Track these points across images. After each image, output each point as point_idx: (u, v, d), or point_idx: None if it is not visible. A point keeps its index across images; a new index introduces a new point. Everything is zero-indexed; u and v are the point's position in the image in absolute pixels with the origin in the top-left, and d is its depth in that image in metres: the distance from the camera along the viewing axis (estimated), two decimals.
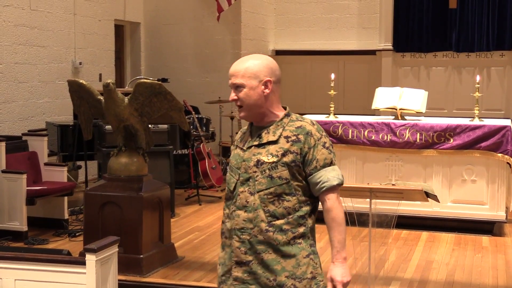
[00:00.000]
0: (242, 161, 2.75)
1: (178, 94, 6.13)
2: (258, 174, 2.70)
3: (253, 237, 2.68)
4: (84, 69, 9.42)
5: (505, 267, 5.77)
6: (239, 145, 2.83)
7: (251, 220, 2.68)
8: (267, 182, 2.69)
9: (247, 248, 2.69)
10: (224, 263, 2.78)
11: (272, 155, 2.70)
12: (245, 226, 2.69)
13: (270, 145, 2.72)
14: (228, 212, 2.79)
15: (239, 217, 2.70)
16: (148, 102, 5.49)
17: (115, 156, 5.68)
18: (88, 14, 9.54)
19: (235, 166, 2.77)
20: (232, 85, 2.78)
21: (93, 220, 5.57)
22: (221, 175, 8.83)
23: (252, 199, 2.70)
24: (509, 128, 6.70)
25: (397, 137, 6.91)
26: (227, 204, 2.81)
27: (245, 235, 2.69)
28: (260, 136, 2.76)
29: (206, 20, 11.08)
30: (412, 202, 5.87)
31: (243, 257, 2.70)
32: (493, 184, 6.76)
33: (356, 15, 12.16)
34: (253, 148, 2.74)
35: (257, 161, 2.71)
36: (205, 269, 5.66)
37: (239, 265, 2.71)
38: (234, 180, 2.76)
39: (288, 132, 2.73)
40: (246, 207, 2.70)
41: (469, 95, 8.65)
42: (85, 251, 3.83)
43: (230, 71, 2.80)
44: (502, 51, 11.22)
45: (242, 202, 2.71)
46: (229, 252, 2.74)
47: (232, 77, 2.78)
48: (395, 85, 9.11)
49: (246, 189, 2.71)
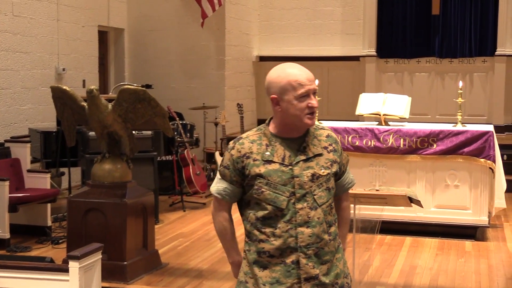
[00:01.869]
0: (292, 177, 2.70)
1: (162, 100, 6.12)
2: (315, 188, 2.72)
3: (320, 250, 2.73)
4: (68, 75, 9.38)
5: (488, 272, 5.80)
6: (273, 160, 2.72)
7: (317, 235, 2.71)
8: (327, 195, 2.76)
9: (314, 262, 2.72)
10: (277, 281, 2.72)
11: (324, 167, 2.75)
12: (311, 242, 2.70)
13: (317, 157, 2.75)
14: (273, 231, 2.72)
15: (303, 234, 2.69)
16: (132, 108, 5.48)
17: (99, 162, 5.66)
18: (71, 20, 9.50)
19: (281, 183, 2.70)
20: (314, 91, 2.73)
21: (77, 227, 5.55)
22: (205, 181, 8.81)
23: (314, 214, 2.71)
24: (491, 133, 6.74)
25: (380, 143, 6.94)
26: (270, 222, 2.72)
27: (311, 250, 2.71)
28: (304, 149, 2.74)
29: (190, 26, 11.09)
30: (395, 207, 5.90)
31: (312, 271, 2.71)
32: (476, 189, 6.80)
33: (340, 21, 12.25)
34: (301, 162, 2.72)
35: (312, 175, 2.72)
36: (189, 276, 5.65)
37: (307, 281, 2.72)
38: (284, 197, 2.69)
39: (323, 142, 2.79)
40: (309, 223, 2.70)
41: (452, 100, 8.72)
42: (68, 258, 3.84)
43: (305, 76, 2.70)
44: (484, 57, 11.37)
45: (303, 218, 2.70)
46: (284, 271, 2.71)
47: (311, 83, 2.71)
48: (379, 91, 9.18)
49: (305, 205, 2.70)
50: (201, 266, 5.94)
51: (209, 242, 6.76)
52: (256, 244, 2.76)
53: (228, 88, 11.26)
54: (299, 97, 2.68)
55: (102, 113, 5.43)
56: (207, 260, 6.11)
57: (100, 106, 5.43)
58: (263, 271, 2.74)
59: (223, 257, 6.14)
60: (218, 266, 5.92)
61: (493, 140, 6.72)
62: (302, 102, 2.68)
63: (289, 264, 2.70)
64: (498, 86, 11.22)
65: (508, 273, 5.79)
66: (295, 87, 2.67)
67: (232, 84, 11.47)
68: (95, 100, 5.40)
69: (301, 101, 2.68)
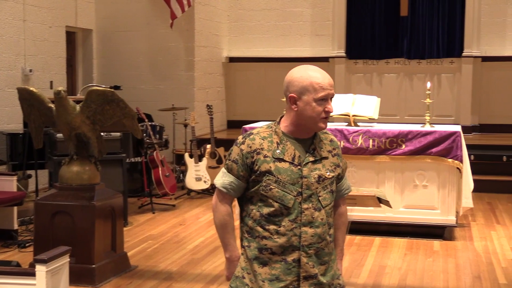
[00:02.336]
0: (300, 177, 2.76)
1: (131, 102, 6.13)
2: (320, 190, 2.79)
3: (320, 250, 2.80)
4: (35, 77, 9.29)
5: (455, 271, 5.86)
6: (284, 158, 2.77)
7: (320, 235, 2.78)
8: (330, 197, 2.84)
9: (314, 262, 2.79)
10: (276, 278, 2.78)
11: (329, 170, 2.83)
12: (314, 241, 2.77)
13: (323, 160, 2.83)
14: (277, 229, 2.77)
15: (307, 234, 2.76)
16: (101, 110, 5.47)
17: (67, 164, 5.64)
18: (38, 20, 9.42)
19: (290, 182, 2.76)
20: (332, 96, 2.79)
21: (44, 230, 5.51)
22: (174, 183, 8.81)
23: (318, 215, 2.78)
24: (459, 133, 6.82)
25: (350, 144, 6.97)
26: (275, 220, 2.77)
27: (312, 249, 2.78)
28: (313, 151, 2.81)
29: (159, 27, 11.08)
30: (365, 208, 5.96)
31: (312, 270, 2.78)
32: (444, 189, 6.86)
33: (309, 23, 12.32)
34: (310, 164, 2.79)
35: (319, 177, 2.79)
36: (158, 278, 5.64)
37: (306, 280, 2.78)
38: (291, 196, 2.76)
39: (328, 146, 2.87)
40: (312, 223, 2.77)
41: (420, 101, 8.80)
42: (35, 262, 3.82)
43: (327, 81, 2.76)
44: (452, 58, 11.56)
45: (308, 218, 2.77)
46: (284, 268, 2.77)
47: (332, 88, 2.78)
48: (348, 92, 9.24)
49: (310, 205, 2.77)
50: (171, 269, 5.92)
51: (179, 244, 6.74)
52: (258, 240, 2.80)
53: (197, 89, 11.25)
54: (319, 99, 2.74)
55: (70, 114, 5.41)
56: (176, 263, 6.09)
57: (68, 108, 5.41)
58: (263, 267, 2.79)
59: (193, 259, 6.18)
60: (188, 268, 5.91)
61: (460, 140, 6.79)
62: (320, 105, 2.74)
63: (290, 262, 2.76)
64: (465, 87, 11.39)
65: (475, 272, 5.85)
66: (317, 89, 2.73)
67: (202, 85, 11.46)
68: (63, 101, 5.38)
69: (319, 104, 2.74)
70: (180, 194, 9.19)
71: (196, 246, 6.64)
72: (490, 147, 10.19)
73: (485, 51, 11.50)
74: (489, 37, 11.56)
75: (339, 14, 11.73)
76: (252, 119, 9.46)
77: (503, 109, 11.56)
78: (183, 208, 8.48)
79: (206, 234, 7.07)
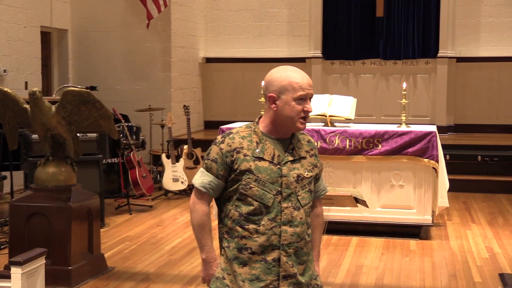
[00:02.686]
0: (280, 176, 2.78)
1: (107, 102, 6.11)
2: (299, 189, 2.81)
3: (299, 250, 2.82)
4: (9, 77, 9.22)
5: (431, 270, 5.92)
6: (264, 157, 2.79)
7: (299, 234, 2.80)
8: (309, 197, 2.86)
9: (293, 261, 2.80)
10: (256, 278, 2.78)
11: (307, 170, 2.85)
12: (293, 241, 2.79)
13: (302, 160, 2.85)
14: (257, 228, 2.78)
15: (286, 233, 2.78)
16: (77, 111, 5.45)
17: (42, 165, 5.60)
18: (12, 20, 9.34)
19: (269, 181, 2.78)
20: (311, 96, 2.82)
21: (19, 232, 5.47)
22: (151, 184, 8.79)
23: (297, 214, 2.80)
24: (434, 134, 6.87)
25: (327, 144, 6.99)
26: (254, 219, 2.79)
27: (291, 249, 2.79)
28: (292, 151, 2.84)
29: (135, 27, 11.06)
30: (342, 207, 5.97)
31: (291, 270, 2.80)
32: (420, 188, 6.92)
33: (286, 23, 12.37)
34: (289, 163, 2.81)
35: (298, 176, 2.81)
36: (135, 279, 5.62)
37: (285, 279, 2.80)
38: (271, 195, 2.78)
39: (306, 146, 2.90)
40: (292, 222, 2.78)
41: (396, 101, 8.89)
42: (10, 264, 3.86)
43: (306, 81, 2.79)
44: (427, 58, 11.68)
45: (287, 217, 2.78)
46: (264, 268, 2.78)
47: (311, 88, 2.80)
48: (325, 92, 9.29)
49: (289, 204, 2.79)
50: (148, 270, 5.91)
51: (156, 245, 6.73)
52: (237, 240, 2.80)
53: (174, 90, 11.24)
54: (297, 99, 2.76)
55: (46, 115, 5.39)
56: (153, 264, 6.09)
57: (43, 109, 5.39)
58: (243, 267, 2.80)
59: (170, 260, 6.18)
60: (165, 270, 5.91)
61: (436, 140, 6.84)
62: (299, 104, 2.77)
63: (270, 262, 2.78)
64: (441, 87, 11.51)
65: (451, 270, 5.91)
66: (296, 89, 2.76)
67: (178, 86, 11.45)
68: (38, 102, 5.36)
69: (298, 104, 2.77)
70: (157, 195, 9.17)
71: (173, 247, 6.64)
72: (465, 147, 10.30)
73: (459, 52, 11.63)
74: (464, 38, 11.69)
75: (316, 15, 11.79)
76: (229, 120, 9.50)
77: (478, 109, 11.70)
78: (160, 209, 8.46)
79: (184, 235, 7.07)
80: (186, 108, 9.37)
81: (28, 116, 5.46)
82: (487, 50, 11.64)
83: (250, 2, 12.46)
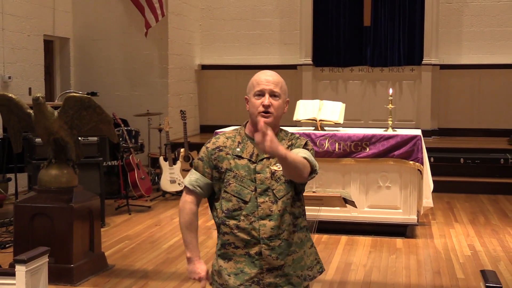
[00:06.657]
0: (256, 173, 2.83)
1: (107, 108, 6.14)
2: (274, 183, 2.82)
3: (284, 241, 2.81)
4: (14, 83, 9.29)
5: (417, 267, 6.00)
6: (242, 156, 2.87)
7: (279, 227, 2.79)
8: (286, 188, 2.84)
9: (278, 254, 2.80)
10: (241, 271, 2.82)
11: None
12: (274, 234, 2.79)
13: None
14: (237, 223, 2.82)
15: (265, 227, 2.78)
16: (78, 116, 5.49)
17: (45, 168, 5.64)
18: (16, 29, 9.43)
19: (247, 177, 2.83)
20: (270, 91, 2.84)
21: (23, 231, 5.51)
22: (150, 185, 8.84)
23: (275, 207, 2.80)
24: (419, 137, 6.96)
25: (317, 147, 7.04)
26: (234, 215, 2.83)
27: (274, 241, 2.79)
28: None
29: (134, 36, 11.10)
30: (331, 208, 6.08)
31: (275, 262, 2.80)
32: (406, 189, 7.00)
33: (278, 32, 12.49)
34: (265, 160, 2.85)
35: (272, 172, 2.82)
36: (134, 277, 5.69)
37: (270, 271, 2.81)
38: (248, 191, 2.82)
39: (285, 143, 2.92)
40: (271, 216, 2.79)
41: (383, 107, 8.90)
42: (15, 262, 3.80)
43: (268, 78, 2.87)
44: (412, 66, 11.77)
45: (265, 212, 2.79)
46: (248, 261, 2.81)
47: (271, 84, 2.85)
48: (315, 98, 9.22)
49: (266, 199, 2.81)
50: (147, 267, 5.96)
51: (154, 244, 6.79)
52: (221, 237, 2.87)
53: (171, 96, 11.33)
54: (256, 94, 2.85)
55: (48, 120, 5.43)
56: (152, 262, 6.13)
57: (46, 113, 5.42)
58: (228, 262, 2.85)
59: (167, 259, 6.22)
60: (163, 267, 5.97)
61: (421, 143, 6.92)
62: (257, 100, 2.85)
63: (253, 255, 2.80)
64: (425, 93, 11.63)
65: (435, 267, 5.99)
66: (254, 85, 2.87)
67: (175, 92, 11.53)
68: (41, 107, 5.39)
69: (257, 99, 2.85)
70: (155, 196, 9.18)
71: (170, 246, 6.69)
72: (448, 150, 10.39)
73: (443, 59, 11.75)
74: (447, 46, 11.83)
75: (306, 24, 11.90)
76: (224, 124, 9.56)
77: (460, 114, 11.84)
78: (158, 210, 8.49)
79: (180, 234, 7.13)
80: (183, 113, 9.41)
81: (32, 121, 5.50)
82: (468, 58, 11.81)
83: (244, 11, 12.58)
